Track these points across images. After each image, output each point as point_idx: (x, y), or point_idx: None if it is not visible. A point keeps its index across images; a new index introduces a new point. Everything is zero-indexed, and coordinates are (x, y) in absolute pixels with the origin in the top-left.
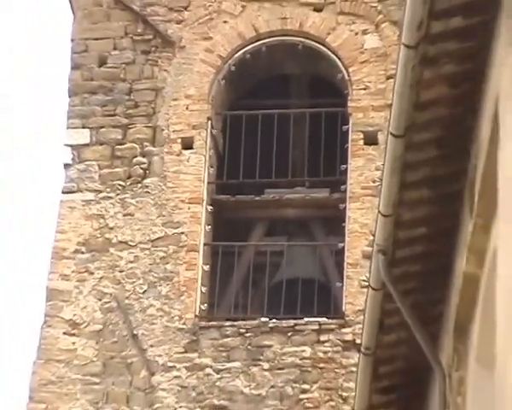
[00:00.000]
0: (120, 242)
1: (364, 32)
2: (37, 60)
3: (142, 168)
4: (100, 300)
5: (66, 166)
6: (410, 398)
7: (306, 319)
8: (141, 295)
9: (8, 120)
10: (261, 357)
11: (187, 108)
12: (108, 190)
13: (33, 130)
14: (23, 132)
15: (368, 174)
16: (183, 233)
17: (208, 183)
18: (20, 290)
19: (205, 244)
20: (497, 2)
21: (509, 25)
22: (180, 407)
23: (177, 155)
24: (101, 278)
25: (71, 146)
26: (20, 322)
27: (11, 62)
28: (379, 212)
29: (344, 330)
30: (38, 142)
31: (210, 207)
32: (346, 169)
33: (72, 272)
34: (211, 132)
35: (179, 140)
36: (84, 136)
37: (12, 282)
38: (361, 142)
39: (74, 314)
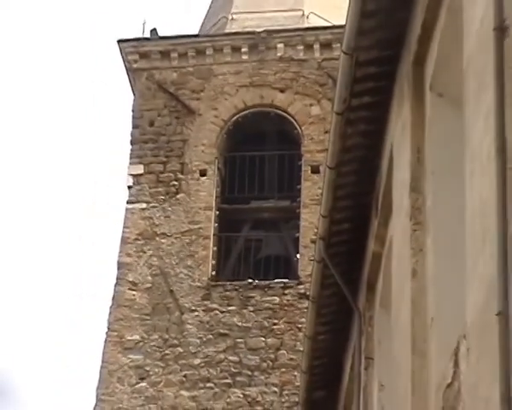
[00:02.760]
0: (162, 233)
1: (311, 105)
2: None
3: (175, 188)
4: (150, 268)
5: (129, 187)
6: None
7: (276, 280)
8: (175, 266)
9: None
10: (248, 303)
11: (203, 152)
12: (155, 201)
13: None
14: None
15: (313, 191)
16: (200, 228)
17: (216, 197)
18: (98, 263)
19: (214, 235)
20: (391, 89)
21: (398, 101)
22: (199, 334)
23: (197, 180)
24: (150, 255)
25: (132, 175)
26: (102, 284)
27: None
28: (320, 214)
29: (299, 286)
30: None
31: (217, 212)
32: (300, 188)
33: (133, 251)
34: (217, 166)
35: (198, 171)
36: (140, 168)
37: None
38: (309, 171)
39: (134, 277)
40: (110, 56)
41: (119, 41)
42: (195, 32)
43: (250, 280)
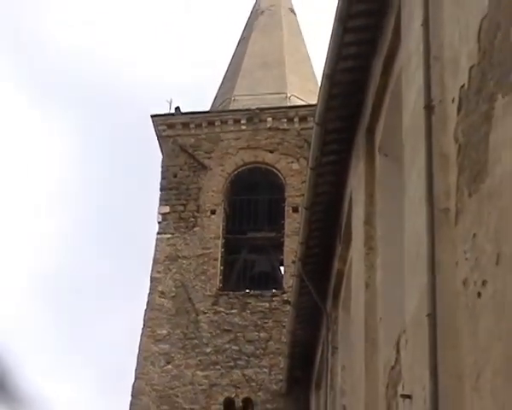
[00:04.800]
0: (183, 256)
1: (292, 162)
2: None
3: (193, 223)
4: (174, 282)
5: (159, 222)
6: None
7: (266, 291)
8: (192, 280)
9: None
10: (246, 307)
11: (212, 196)
12: (177, 233)
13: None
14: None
15: (294, 225)
16: (211, 252)
17: (222, 229)
18: (137, 280)
19: (221, 257)
20: (350, 150)
21: (356, 159)
22: (210, 329)
23: (208, 217)
24: (174, 272)
25: (161, 214)
26: (139, 295)
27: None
28: (299, 242)
29: (283, 295)
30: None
31: (223, 240)
32: (284, 223)
33: (162, 269)
34: (223, 207)
35: (209, 210)
36: (166, 209)
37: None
38: (291, 211)
39: (163, 288)
40: (145, 127)
41: (152, 116)
42: (207, 108)
43: (247, 290)
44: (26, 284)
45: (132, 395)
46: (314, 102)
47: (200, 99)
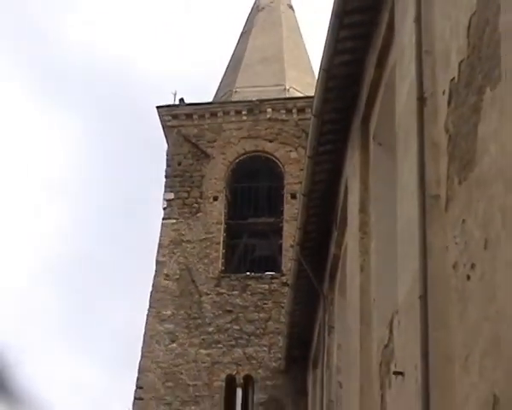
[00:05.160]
0: (187, 240)
1: (290, 151)
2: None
3: (196, 209)
4: (178, 265)
5: (164, 208)
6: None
7: (266, 273)
8: (196, 263)
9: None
10: (247, 289)
11: (215, 183)
12: (181, 218)
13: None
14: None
15: (292, 211)
16: (213, 237)
17: (224, 215)
18: (140, 262)
19: (223, 241)
20: (346, 140)
21: (351, 148)
22: (212, 310)
23: (211, 203)
24: (178, 256)
25: (166, 200)
26: (144, 276)
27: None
28: (297, 227)
29: (282, 277)
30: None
31: (225, 226)
32: (283, 209)
33: (167, 253)
34: (225, 194)
35: (212, 197)
36: (171, 195)
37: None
38: (289, 197)
39: (168, 271)
40: (151, 117)
41: (158, 107)
42: (210, 100)
43: (248, 273)
44: (27, 284)
45: (138, 372)
46: (312, 94)
47: (203, 91)
